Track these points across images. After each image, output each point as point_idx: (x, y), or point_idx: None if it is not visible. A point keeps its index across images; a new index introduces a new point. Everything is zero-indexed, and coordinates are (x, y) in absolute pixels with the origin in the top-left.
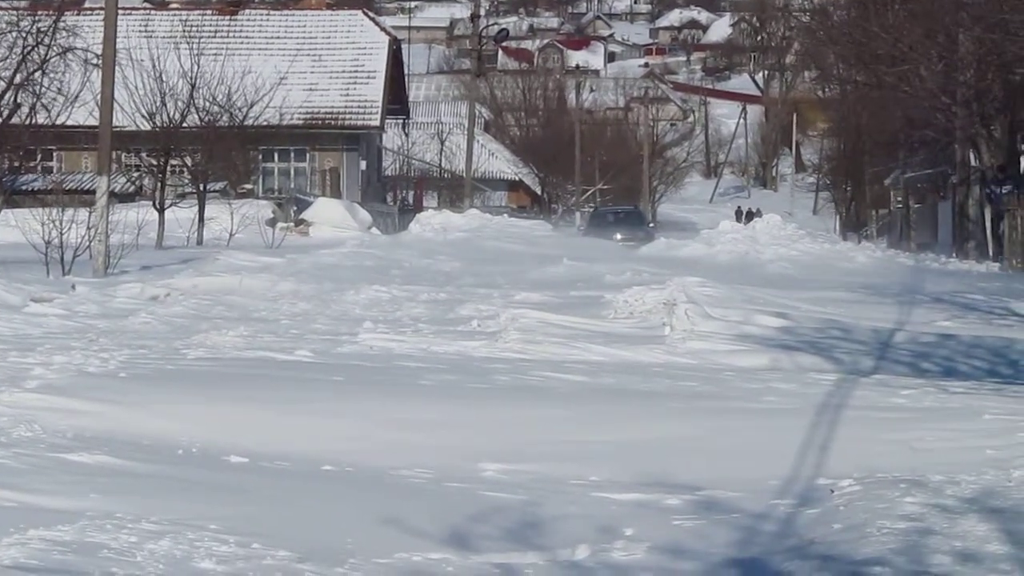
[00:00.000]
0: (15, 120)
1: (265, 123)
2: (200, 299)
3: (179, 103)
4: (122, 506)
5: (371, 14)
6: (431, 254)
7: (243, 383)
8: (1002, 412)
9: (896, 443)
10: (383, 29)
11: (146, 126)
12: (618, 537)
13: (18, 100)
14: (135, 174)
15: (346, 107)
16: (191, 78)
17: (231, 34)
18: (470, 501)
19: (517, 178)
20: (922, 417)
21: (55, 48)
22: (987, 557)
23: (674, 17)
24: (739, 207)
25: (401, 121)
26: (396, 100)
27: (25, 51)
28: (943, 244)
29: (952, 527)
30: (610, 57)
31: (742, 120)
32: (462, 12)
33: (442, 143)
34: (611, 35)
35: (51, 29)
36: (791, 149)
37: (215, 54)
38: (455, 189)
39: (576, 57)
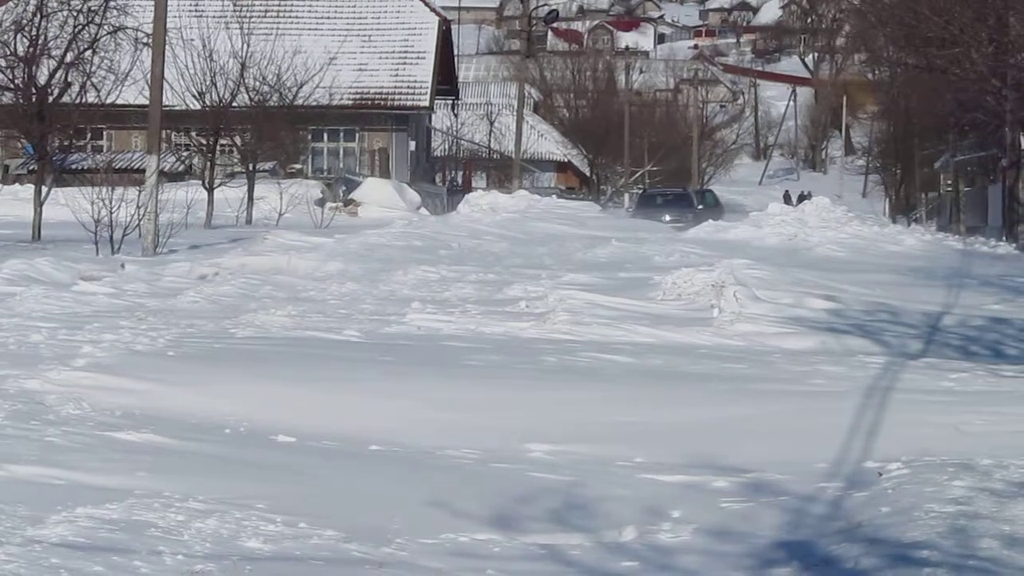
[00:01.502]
0: (65, 99)
1: (315, 103)
2: (248, 278)
3: (229, 83)
4: (169, 484)
5: None
6: (479, 235)
7: (291, 363)
8: None
9: (944, 426)
10: (433, 9)
11: (196, 105)
12: (665, 519)
13: (69, 79)
14: (184, 153)
15: (395, 87)
16: (241, 58)
17: (281, 14)
18: (516, 482)
19: (566, 159)
20: (971, 400)
21: (106, 27)
22: None
23: None
24: (787, 191)
25: (450, 102)
26: (445, 81)
27: (76, 30)
28: (993, 227)
29: (1000, 511)
30: (660, 39)
31: (792, 102)
32: None
33: (491, 124)
34: (661, 16)
35: (102, 8)
36: (840, 132)
37: (265, 34)
38: (504, 170)
39: (626, 38)
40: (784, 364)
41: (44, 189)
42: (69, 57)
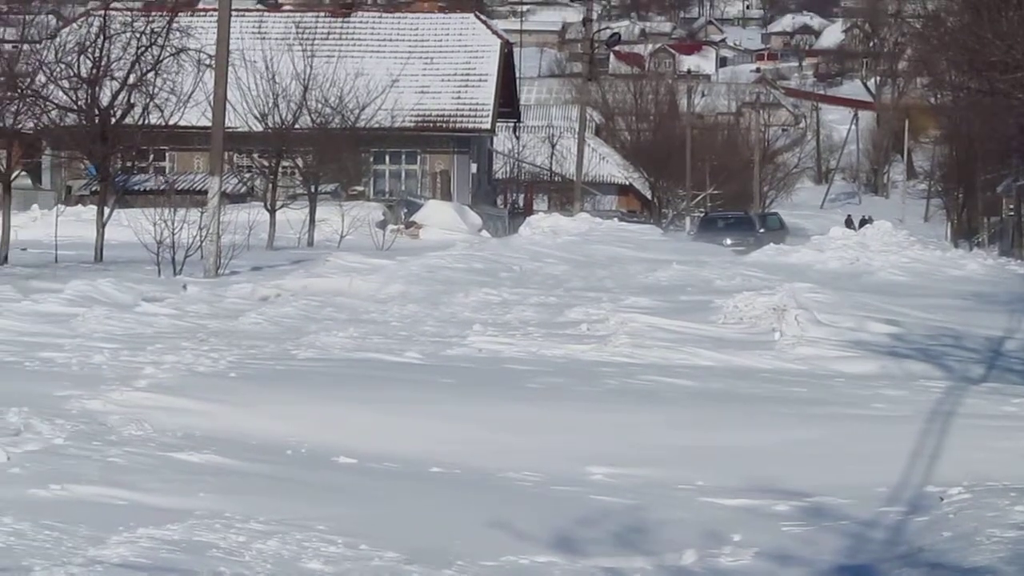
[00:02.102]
0: (128, 120)
1: (376, 125)
2: (310, 300)
3: (291, 104)
4: (230, 505)
5: (483, 17)
6: (540, 257)
7: (352, 384)
8: None
9: (1007, 451)
10: (495, 32)
11: (258, 127)
12: (725, 543)
13: (132, 100)
14: (247, 175)
15: (457, 110)
16: (304, 80)
17: (343, 36)
18: (577, 505)
19: (627, 182)
20: None
21: (168, 49)
22: None
23: (786, 22)
24: (849, 215)
25: (512, 124)
26: (507, 103)
27: (139, 52)
28: None
29: None
30: (722, 62)
31: (853, 126)
32: (574, 16)
33: (553, 147)
34: (723, 40)
35: (165, 30)
36: (903, 156)
37: (327, 56)
38: (565, 193)
39: (688, 62)
40: (845, 388)
41: (106, 210)
42: (132, 78)
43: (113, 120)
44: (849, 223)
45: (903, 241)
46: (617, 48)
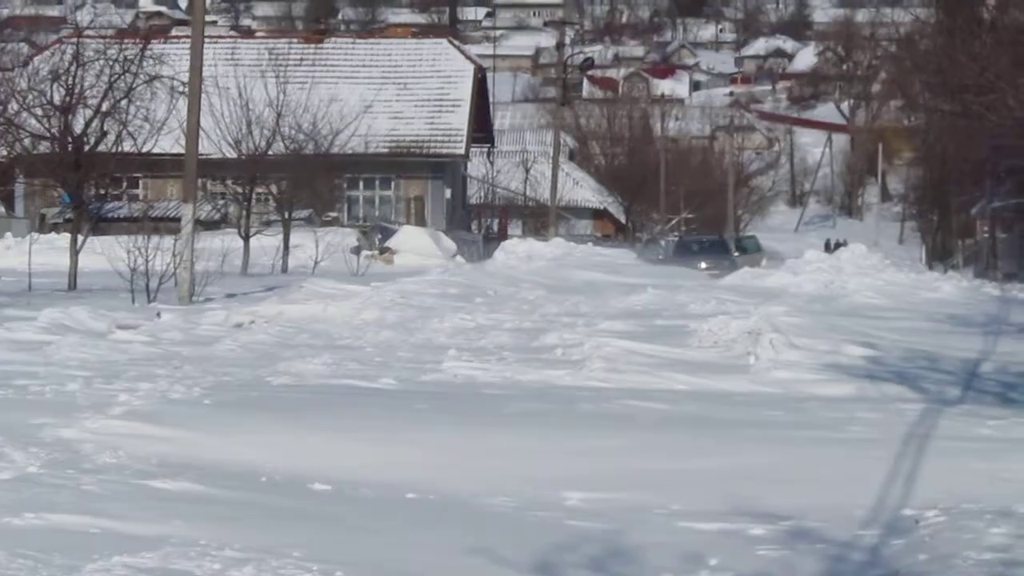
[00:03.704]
0: (102, 148)
1: (350, 151)
2: (284, 327)
3: (265, 131)
4: (206, 533)
5: (456, 43)
6: (515, 282)
7: (327, 411)
8: None
9: (983, 473)
10: (468, 57)
11: (232, 154)
12: (702, 567)
13: (105, 128)
14: (220, 202)
15: (431, 135)
16: (277, 106)
17: (317, 62)
18: (554, 530)
19: (602, 207)
20: (1010, 448)
21: (142, 76)
22: None
23: (759, 46)
24: (828, 239)
25: (486, 149)
26: (481, 128)
27: (112, 79)
28: None
29: None
30: (695, 86)
31: (827, 149)
32: (548, 41)
33: (527, 171)
34: (696, 64)
35: (138, 58)
36: (877, 178)
37: (301, 82)
38: (540, 217)
39: (661, 86)
40: (821, 411)
41: (80, 238)
42: (105, 106)
43: (87, 148)
44: (828, 246)
45: (878, 264)
46: (591, 72)
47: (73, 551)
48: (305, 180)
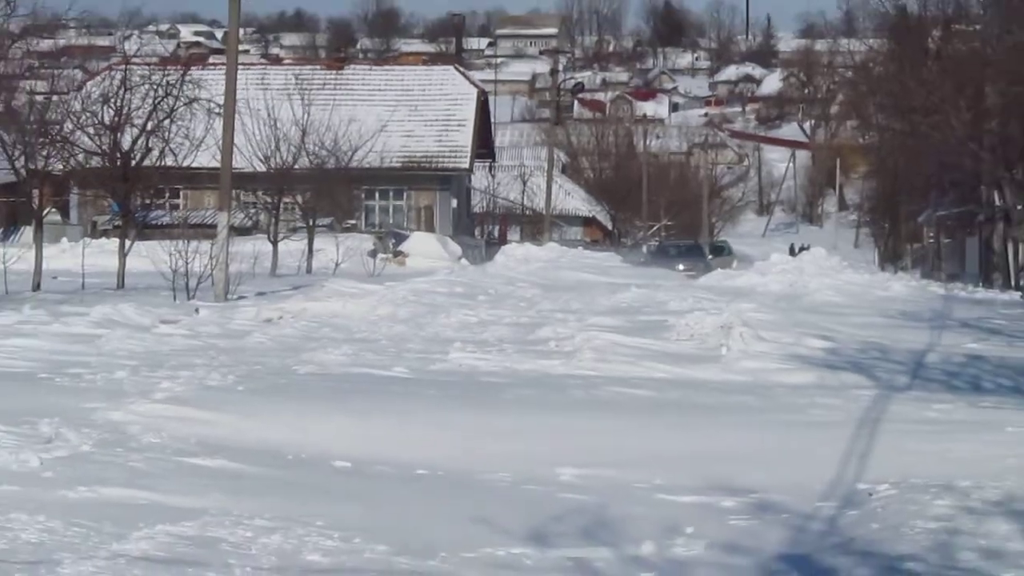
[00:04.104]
0: (147, 162)
1: (367, 165)
2: (309, 321)
3: (291, 148)
4: (239, 504)
5: (461, 69)
6: (514, 282)
7: (347, 396)
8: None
9: (929, 453)
10: (472, 82)
11: (262, 168)
12: (679, 535)
13: (149, 145)
14: (252, 210)
15: (439, 151)
16: (302, 125)
17: (338, 87)
18: (547, 502)
19: (591, 215)
20: (952, 429)
21: (182, 99)
22: (1009, 554)
23: (731, 72)
24: (792, 244)
25: (488, 164)
26: (483, 145)
27: (156, 101)
28: (970, 275)
29: (978, 527)
30: (674, 107)
31: (791, 164)
32: (543, 67)
33: (524, 184)
34: (675, 88)
35: (179, 82)
36: (835, 190)
37: (323, 104)
38: (535, 224)
39: (643, 107)
40: (785, 397)
41: (128, 242)
42: (150, 125)
43: (133, 162)
44: (792, 250)
45: (836, 265)
46: (581, 96)
47: (121, 521)
48: (327, 191)
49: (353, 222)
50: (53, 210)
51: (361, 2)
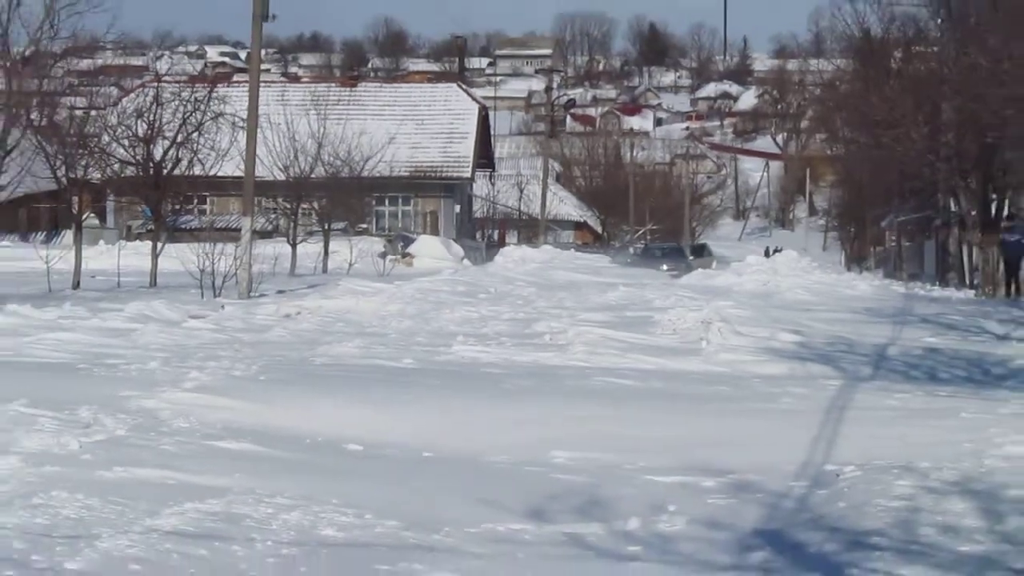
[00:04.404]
0: (177, 171)
1: (378, 175)
2: (324, 317)
3: (308, 158)
4: (261, 484)
5: (464, 87)
6: (512, 281)
7: (359, 385)
8: (977, 411)
9: (891, 437)
10: (473, 99)
11: (281, 177)
12: (663, 512)
13: (179, 155)
14: (272, 215)
15: (443, 162)
16: (318, 138)
17: (351, 102)
18: (543, 482)
19: (582, 220)
20: (911, 416)
21: (209, 113)
22: (964, 529)
23: (710, 89)
24: (767, 247)
25: (488, 173)
26: (484, 156)
27: (185, 116)
28: (928, 275)
29: (936, 505)
30: (658, 122)
31: (765, 173)
32: (538, 85)
33: (521, 191)
34: (659, 104)
35: (206, 98)
36: (805, 197)
37: (338, 119)
38: (531, 228)
39: (630, 122)
40: (760, 387)
41: (159, 245)
42: (179, 137)
43: (164, 171)
44: (767, 253)
45: (806, 266)
46: (573, 111)
47: (154, 498)
48: (341, 198)
49: (365, 226)
50: (91, 215)
51: (372, 25)
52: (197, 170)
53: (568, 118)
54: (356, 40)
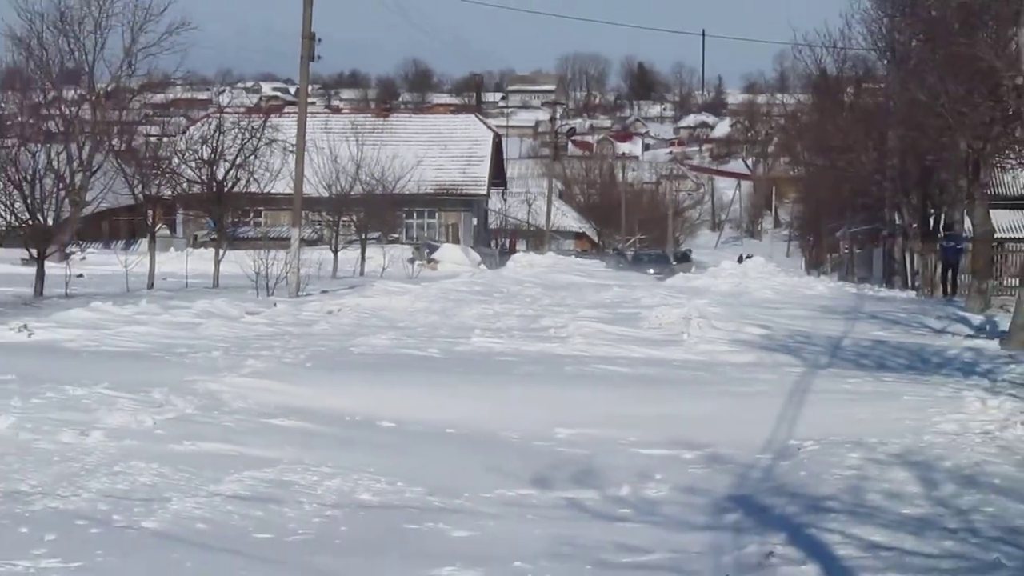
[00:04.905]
0: (236, 189)
1: (407, 192)
2: (361, 313)
3: (348, 178)
4: (308, 455)
5: (480, 117)
6: (521, 283)
7: (391, 371)
8: (917, 395)
9: (844, 416)
10: (488, 127)
11: (325, 193)
12: (650, 480)
13: (238, 175)
14: (317, 226)
15: (463, 181)
16: (356, 161)
17: (384, 131)
18: (547, 454)
19: (581, 230)
20: (861, 398)
21: (263, 140)
22: (906, 495)
23: (690, 119)
24: (740, 254)
25: (501, 191)
26: (497, 176)
27: (243, 142)
28: (876, 277)
29: (882, 474)
30: (645, 147)
31: (737, 191)
32: (544, 116)
33: (529, 206)
34: (646, 132)
35: (261, 127)
36: (771, 211)
37: (373, 144)
38: (538, 238)
39: (622, 147)
40: (732, 373)
41: (221, 251)
42: (238, 160)
43: (225, 189)
44: (740, 259)
45: (772, 270)
46: (574, 138)
47: (216, 467)
48: (376, 211)
49: (396, 236)
50: (163, 226)
51: (402, 65)
52: (253, 188)
53: (569, 144)
54: (389, 77)
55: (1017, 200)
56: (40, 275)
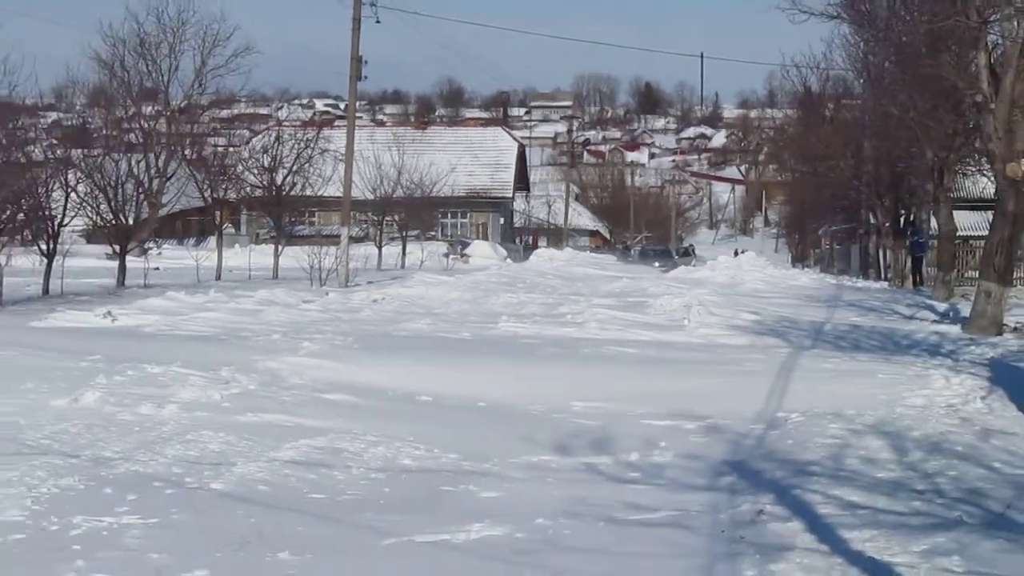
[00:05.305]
0: (293, 193)
1: (443, 195)
2: (402, 301)
3: (390, 183)
4: (355, 426)
5: (507, 129)
6: (543, 275)
7: (429, 351)
8: (889, 373)
9: (826, 392)
10: (514, 138)
11: (370, 196)
12: (656, 447)
13: (295, 181)
14: (364, 225)
15: (491, 185)
16: (398, 167)
17: (423, 140)
18: (566, 425)
19: (595, 229)
20: (840, 376)
21: (317, 149)
22: (880, 460)
23: (691, 131)
24: (736, 249)
25: (525, 194)
26: (521, 181)
27: (299, 152)
28: (854, 270)
29: (859, 442)
30: (651, 156)
31: (732, 194)
32: (562, 128)
33: (549, 207)
34: (652, 142)
35: (315, 138)
36: (762, 212)
37: (413, 153)
38: (557, 235)
39: (631, 155)
40: (728, 354)
41: (280, 247)
42: (295, 168)
43: (284, 193)
44: (736, 254)
45: (762, 264)
46: (588, 147)
47: (276, 436)
48: (415, 212)
49: (433, 233)
50: (229, 225)
51: (438, 83)
52: (308, 192)
53: (584, 153)
54: (426, 95)
55: (977, 202)
56: (122, 268)
